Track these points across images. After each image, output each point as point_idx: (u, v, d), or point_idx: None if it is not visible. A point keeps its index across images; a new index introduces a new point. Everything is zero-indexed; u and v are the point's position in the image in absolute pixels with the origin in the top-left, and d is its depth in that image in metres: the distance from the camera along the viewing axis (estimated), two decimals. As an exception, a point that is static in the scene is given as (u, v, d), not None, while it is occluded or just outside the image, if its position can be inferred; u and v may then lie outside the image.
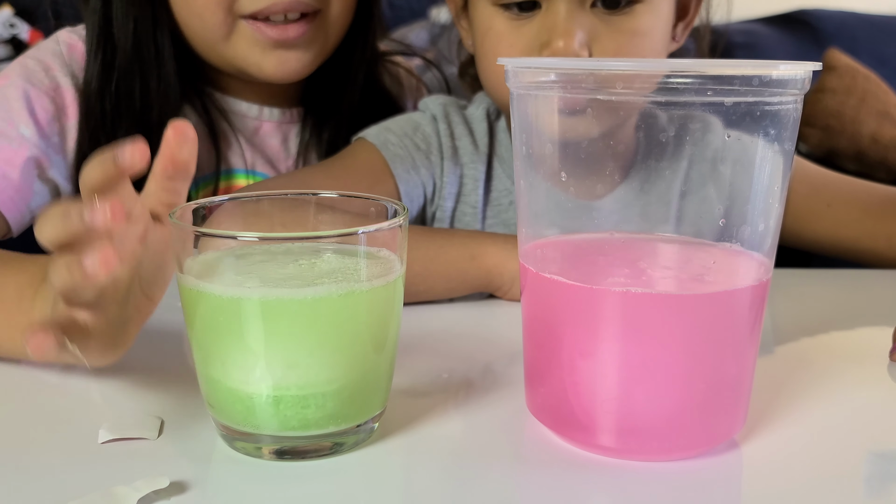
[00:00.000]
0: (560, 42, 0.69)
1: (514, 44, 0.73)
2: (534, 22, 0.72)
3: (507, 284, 0.69)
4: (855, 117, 1.66)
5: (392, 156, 0.78)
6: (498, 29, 0.74)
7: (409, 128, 0.81)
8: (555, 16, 0.70)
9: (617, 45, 0.71)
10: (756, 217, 0.43)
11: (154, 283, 0.48)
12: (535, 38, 0.71)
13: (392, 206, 0.48)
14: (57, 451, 0.45)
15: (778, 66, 0.41)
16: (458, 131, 0.82)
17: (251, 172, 0.87)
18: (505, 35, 0.73)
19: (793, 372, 0.56)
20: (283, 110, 0.89)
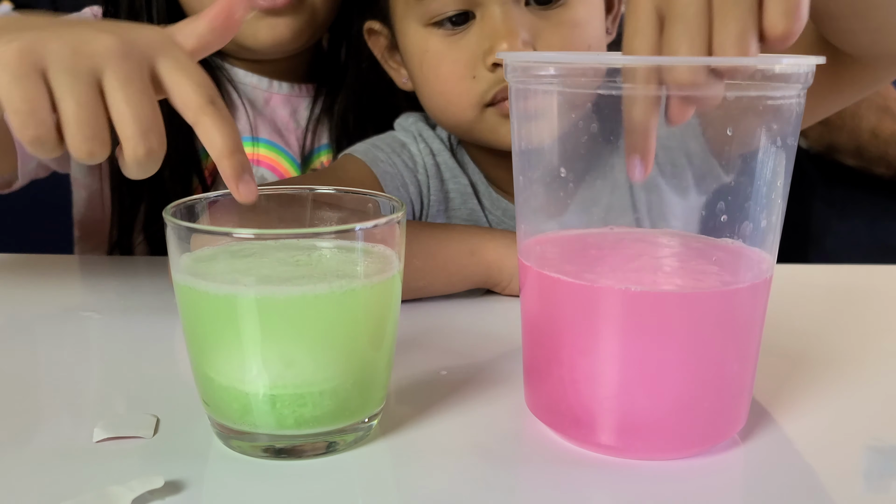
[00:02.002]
0: (504, 44, 0.68)
1: (457, 59, 0.72)
2: (471, 32, 0.71)
3: (506, 280, 0.69)
4: (855, 112, 1.66)
5: (382, 172, 0.78)
6: (435, 49, 0.72)
7: (397, 145, 0.81)
8: (492, 20, 0.69)
9: (561, 38, 0.71)
10: (758, 213, 0.43)
11: None
12: (476, 47, 0.70)
13: (390, 203, 0.48)
14: (51, 450, 0.45)
15: (781, 59, 0.40)
16: (435, 147, 0.82)
17: (256, 140, 0.89)
18: (444, 52, 0.72)
19: (794, 369, 0.56)
20: (292, 84, 0.92)
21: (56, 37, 0.42)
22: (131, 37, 0.44)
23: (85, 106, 0.42)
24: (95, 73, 0.43)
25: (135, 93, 0.43)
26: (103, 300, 0.74)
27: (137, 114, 0.43)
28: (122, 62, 0.43)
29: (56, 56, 0.42)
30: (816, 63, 0.42)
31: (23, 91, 0.42)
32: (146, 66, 0.44)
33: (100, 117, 0.43)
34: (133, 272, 0.80)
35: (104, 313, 0.68)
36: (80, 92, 0.42)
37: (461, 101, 0.73)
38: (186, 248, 0.43)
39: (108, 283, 0.79)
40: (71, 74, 0.42)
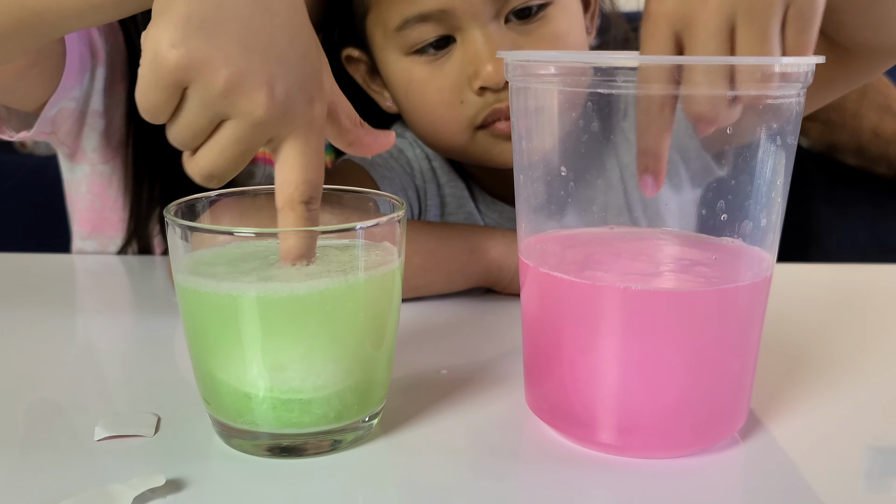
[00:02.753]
0: (489, 67, 0.67)
1: (441, 86, 0.71)
2: (454, 57, 0.70)
3: (506, 279, 0.69)
4: (856, 111, 1.65)
5: (380, 177, 0.77)
6: (419, 77, 0.72)
7: (395, 150, 0.81)
8: (473, 44, 0.69)
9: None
10: (758, 212, 0.43)
11: None
12: (460, 72, 0.70)
13: (390, 202, 0.48)
14: (52, 449, 0.45)
15: (781, 59, 0.40)
16: (430, 152, 0.82)
17: None
18: (429, 80, 0.71)
19: (794, 368, 0.56)
20: None
21: (224, 61, 0.41)
22: (290, 101, 0.42)
23: (191, 132, 0.42)
24: (225, 115, 0.42)
25: (234, 152, 0.42)
26: (104, 299, 0.74)
27: (218, 163, 0.43)
28: (253, 127, 0.42)
29: (203, 87, 0.41)
30: (816, 62, 0.42)
31: (156, 98, 0.41)
32: (272, 135, 0.43)
33: (198, 141, 0.43)
34: (134, 271, 0.81)
35: (105, 312, 0.68)
36: (196, 124, 0.42)
37: (451, 126, 0.72)
38: (188, 246, 0.43)
39: (109, 282, 0.79)
40: (202, 106, 0.41)
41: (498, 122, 0.71)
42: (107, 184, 0.89)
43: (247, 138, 0.42)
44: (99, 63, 0.82)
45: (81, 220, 0.91)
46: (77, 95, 0.80)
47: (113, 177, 0.88)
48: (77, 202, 0.91)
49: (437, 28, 0.69)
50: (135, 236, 0.87)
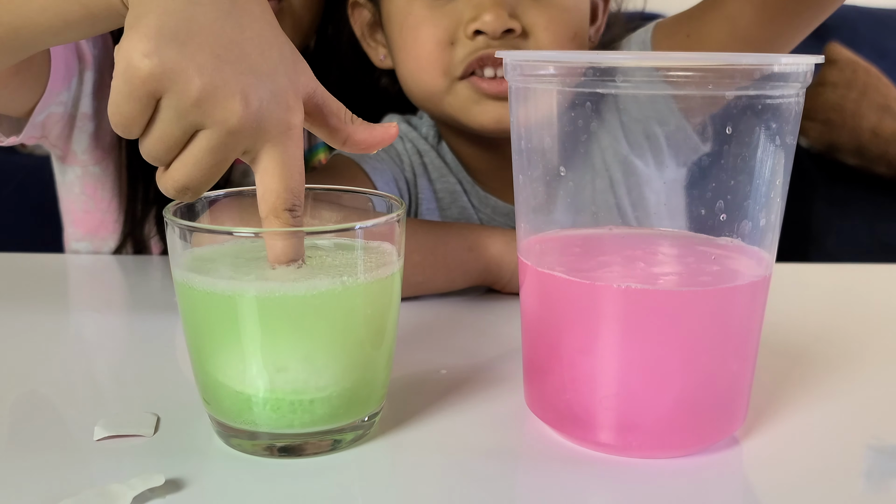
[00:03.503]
0: (488, 16, 0.68)
1: (438, 23, 0.71)
2: (455, 3, 0.71)
3: (505, 276, 0.69)
4: (856, 111, 1.66)
5: (372, 169, 0.78)
6: (418, 13, 0.72)
7: None
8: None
9: (547, 19, 0.70)
10: (757, 212, 0.43)
11: None
12: (460, 15, 0.71)
13: (389, 201, 0.48)
14: (52, 448, 0.45)
15: (780, 59, 0.40)
16: (421, 147, 0.82)
17: None
18: (427, 17, 0.72)
19: (793, 368, 0.56)
20: None
21: (197, 71, 0.41)
22: (264, 110, 0.42)
23: (165, 144, 0.42)
24: (199, 125, 0.42)
25: (209, 162, 0.42)
26: (104, 299, 0.74)
27: (193, 174, 0.42)
28: (228, 136, 0.42)
29: (176, 97, 0.41)
30: (815, 63, 0.42)
31: (129, 110, 0.41)
32: (247, 145, 0.43)
33: (172, 154, 0.43)
34: (134, 271, 0.81)
35: (105, 312, 0.68)
36: (170, 135, 0.42)
37: (434, 67, 0.73)
38: (187, 246, 0.43)
39: (109, 282, 0.79)
40: (176, 117, 0.41)
41: (481, 80, 0.71)
42: (99, 185, 0.89)
43: (221, 147, 0.42)
44: (87, 67, 0.82)
45: (76, 221, 0.91)
46: (65, 100, 0.81)
47: (105, 178, 0.89)
48: (70, 204, 0.91)
49: None
50: (130, 238, 0.87)
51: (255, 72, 0.42)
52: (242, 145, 0.42)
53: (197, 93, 0.40)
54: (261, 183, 0.43)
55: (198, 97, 0.41)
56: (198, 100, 0.41)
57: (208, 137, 0.42)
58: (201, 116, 0.41)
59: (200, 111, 0.41)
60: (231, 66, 0.42)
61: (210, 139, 0.42)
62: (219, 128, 0.41)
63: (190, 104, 0.41)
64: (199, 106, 0.41)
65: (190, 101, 0.41)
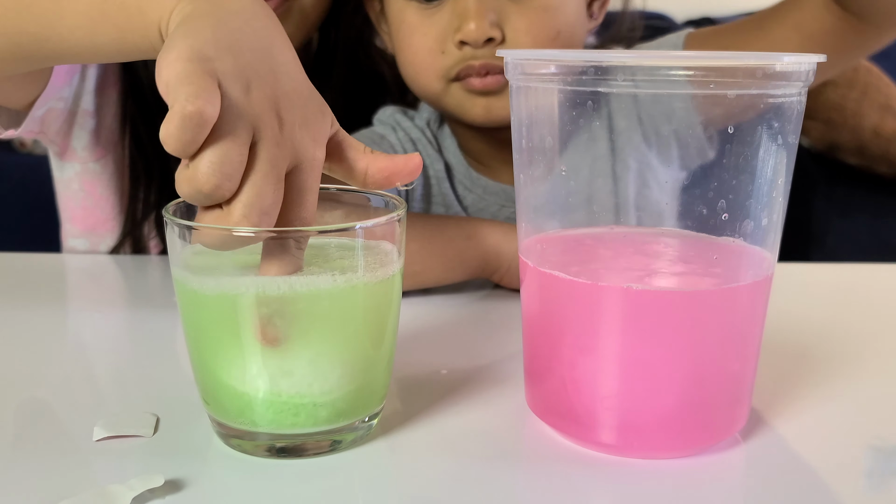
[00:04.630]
0: (471, 24, 0.71)
1: (427, 32, 0.74)
2: (444, 9, 0.74)
3: (504, 267, 0.69)
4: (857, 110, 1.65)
5: None
6: (409, 21, 0.76)
7: (376, 137, 0.83)
8: (463, 1, 0.72)
9: (528, 22, 0.72)
10: (759, 211, 0.43)
11: None
12: (447, 24, 0.73)
13: (390, 200, 0.48)
14: (51, 449, 0.45)
15: (782, 58, 0.40)
16: (414, 135, 0.83)
17: None
18: (417, 25, 0.75)
19: (795, 368, 0.56)
20: None
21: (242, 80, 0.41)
22: (296, 134, 0.42)
23: (235, 151, 0.39)
24: (253, 131, 0.40)
25: (274, 176, 0.41)
26: (103, 299, 0.74)
27: (266, 193, 0.40)
28: (274, 147, 0.41)
29: (231, 90, 0.40)
30: (817, 62, 0.42)
31: (201, 89, 0.38)
32: (288, 163, 0.42)
33: (240, 170, 0.40)
34: (133, 271, 0.80)
35: (104, 312, 0.68)
36: (237, 134, 0.39)
37: (428, 73, 0.76)
38: (187, 246, 0.43)
39: (108, 282, 0.79)
40: (233, 115, 0.40)
41: (471, 78, 0.74)
42: (98, 182, 0.89)
43: (275, 159, 0.41)
44: (90, 64, 0.82)
45: (74, 218, 0.91)
46: (66, 95, 0.80)
47: (103, 175, 0.88)
48: (69, 200, 0.91)
49: None
50: (129, 237, 0.87)
51: (289, 98, 0.43)
52: (287, 160, 0.42)
53: (250, 94, 0.40)
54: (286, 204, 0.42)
55: (252, 99, 0.40)
56: (253, 102, 0.40)
57: (267, 146, 0.41)
58: (257, 122, 0.40)
59: (256, 114, 0.40)
60: (271, 87, 0.42)
61: (267, 150, 0.40)
62: (269, 134, 0.41)
63: (247, 105, 0.40)
64: (255, 106, 0.40)
65: (247, 102, 0.40)
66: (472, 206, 0.82)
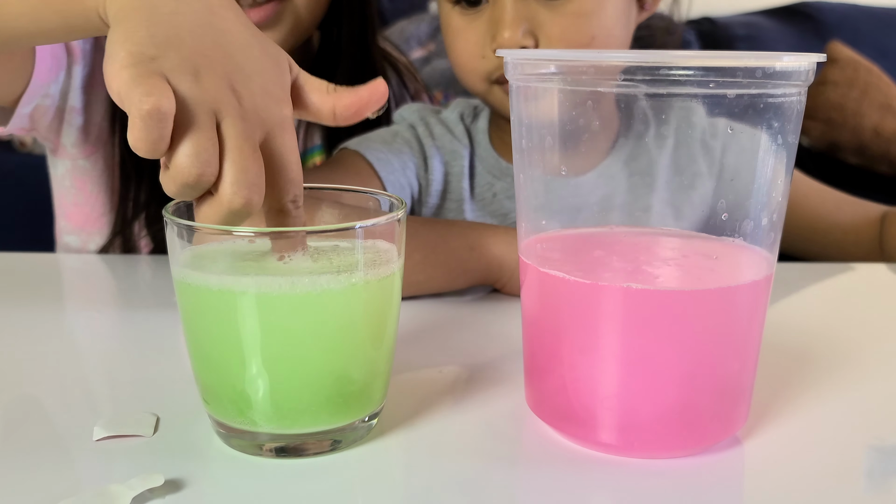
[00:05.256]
0: (506, 33, 0.72)
1: (468, 38, 0.77)
2: (483, 15, 0.76)
3: (506, 276, 0.69)
4: (857, 110, 1.65)
5: (376, 160, 0.80)
6: (454, 24, 0.78)
7: (389, 136, 0.83)
8: (501, 8, 0.73)
9: (561, 29, 0.73)
10: (759, 211, 0.43)
11: None
12: (485, 30, 0.75)
13: (389, 200, 0.48)
14: (51, 449, 0.45)
15: (781, 57, 0.40)
16: (437, 131, 0.85)
17: None
18: (460, 30, 0.77)
19: (795, 368, 0.56)
20: None
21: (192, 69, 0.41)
22: (258, 104, 0.43)
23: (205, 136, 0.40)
24: (217, 114, 0.41)
25: (248, 148, 0.41)
26: (103, 299, 0.74)
27: (246, 167, 0.41)
28: (239, 121, 0.41)
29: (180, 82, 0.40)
30: (817, 61, 0.42)
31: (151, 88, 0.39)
32: (260, 133, 0.43)
33: (215, 153, 0.41)
34: (133, 270, 0.80)
35: (104, 312, 0.68)
36: (202, 120, 0.40)
37: (472, 76, 0.78)
38: (187, 245, 0.43)
39: (108, 282, 0.79)
40: (193, 102, 0.40)
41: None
42: (88, 180, 0.89)
43: (246, 132, 0.41)
44: (76, 61, 0.82)
45: (67, 214, 0.92)
46: (53, 92, 0.81)
47: (93, 172, 0.89)
48: (62, 197, 0.92)
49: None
50: (119, 236, 0.87)
51: (241, 70, 0.43)
52: (256, 132, 0.42)
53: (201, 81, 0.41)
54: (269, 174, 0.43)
55: (204, 85, 0.41)
56: (206, 87, 0.41)
57: (232, 123, 0.41)
58: (217, 105, 0.41)
59: (212, 97, 0.41)
60: (220, 65, 0.42)
61: (235, 126, 0.41)
62: (232, 112, 0.41)
63: (201, 92, 0.41)
64: (209, 91, 0.41)
65: (200, 90, 0.41)
66: (502, 193, 0.83)
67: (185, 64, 0.41)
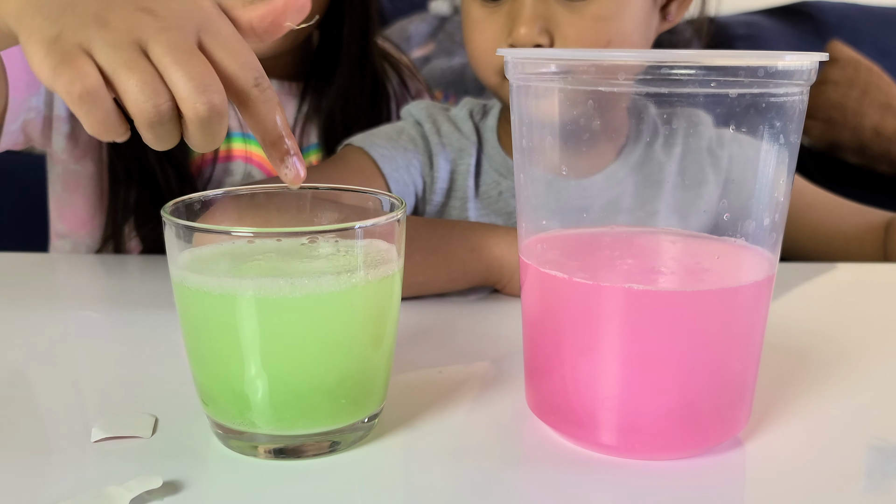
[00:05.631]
0: (522, 29, 0.72)
1: (486, 30, 0.77)
2: (503, 9, 0.75)
3: (507, 277, 0.69)
4: (857, 109, 1.65)
5: (380, 156, 0.80)
6: (473, 15, 0.78)
7: (394, 132, 0.83)
8: (520, 4, 0.73)
9: (577, 31, 0.73)
10: (760, 212, 0.43)
11: None
12: (503, 24, 0.75)
13: (389, 200, 0.48)
14: (49, 450, 0.45)
15: (783, 56, 0.40)
16: (444, 129, 0.84)
17: (247, 136, 0.90)
18: (479, 22, 0.77)
19: (796, 368, 0.56)
20: (281, 82, 0.92)
21: (94, 16, 0.40)
22: (169, 8, 0.42)
23: (138, 70, 0.40)
24: (140, 44, 0.40)
25: (183, 54, 0.40)
26: (101, 299, 0.73)
27: (191, 73, 0.40)
28: (163, 33, 0.41)
29: (91, 36, 0.40)
30: (819, 60, 0.41)
31: (70, 73, 0.39)
32: (192, 37, 0.42)
33: (156, 79, 0.40)
34: (132, 270, 0.80)
35: (102, 312, 0.67)
36: (128, 58, 0.40)
37: (486, 68, 0.78)
38: (185, 246, 0.43)
39: (107, 282, 0.79)
40: (113, 48, 0.40)
41: None
42: (79, 184, 0.90)
43: (173, 42, 0.40)
44: None
45: (61, 217, 0.93)
46: (36, 104, 0.82)
47: (83, 177, 0.90)
48: (55, 200, 0.93)
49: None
50: (111, 240, 0.88)
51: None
52: (186, 36, 0.41)
53: (99, 24, 0.40)
54: (217, 71, 0.42)
55: (102, 25, 0.40)
56: (114, 26, 0.40)
57: (155, 42, 0.40)
58: (126, 35, 0.40)
59: (120, 31, 0.40)
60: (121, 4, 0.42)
61: (158, 42, 0.40)
62: (151, 33, 0.40)
63: (107, 35, 0.40)
64: (114, 29, 0.40)
65: (101, 32, 0.40)
66: (508, 192, 0.83)
67: (85, 19, 0.41)
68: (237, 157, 0.90)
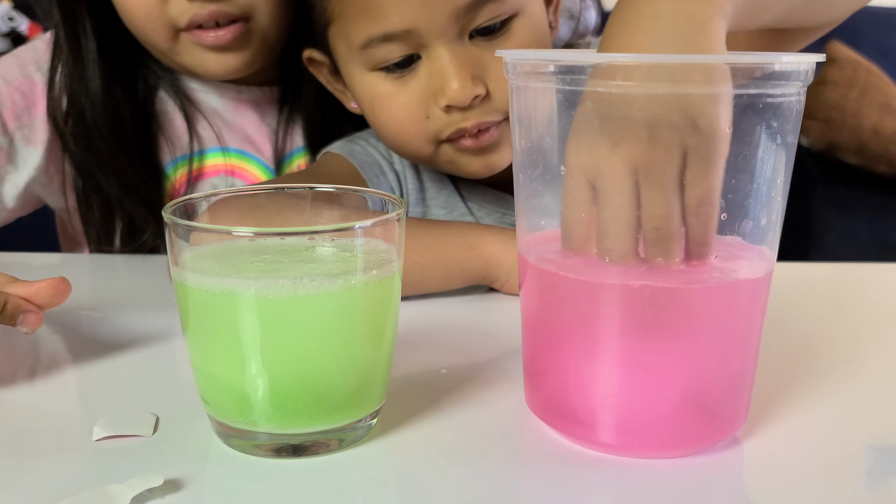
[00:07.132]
0: (454, 84, 0.68)
1: (407, 101, 0.71)
2: (419, 74, 0.71)
3: (504, 276, 0.69)
4: (856, 110, 1.65)
5: (361, 162, 0.79)
6: (385, 93, 0.72)
7: (372, 139, 0.82)
8: (439, 61, 0.69)
9: None
10: (758, 211, 0.43)
11: None
12: (426, 88, 0.70)
13: (389, 200, 0.48)
14: (50, 449, 0.45)
15: (781, 57, 0.40)
16: (381, 148, 0.82)
17: (226, 150, 0.90)
18: (394, 95, 0.72)
19: (794, 367, 0.56)
20: (261, 88, 0.92)
21: None
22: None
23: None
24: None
25: None
26: (102, 298, 0.74)
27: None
28: None
29: None
30: (817, 61, 0.42)
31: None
32: None
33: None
34: (132, 270, 0.80)
35: (103, 311, 0.68)
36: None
37: (417, 140, 0.73)
38: (185, 246, 0.43)
39: (107, 281, 0.79)
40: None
41: (463, 139, 0.71)
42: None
43: None
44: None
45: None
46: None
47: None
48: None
49: (402, 48, 0.69)
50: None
51: None
52: None
53: None
54: None
55: None
56: None
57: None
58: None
59: None
60: None
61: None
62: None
63: None
64: None
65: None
66: (478, 210, 0.82)
67: None
68: (218, 171, 0.90)
